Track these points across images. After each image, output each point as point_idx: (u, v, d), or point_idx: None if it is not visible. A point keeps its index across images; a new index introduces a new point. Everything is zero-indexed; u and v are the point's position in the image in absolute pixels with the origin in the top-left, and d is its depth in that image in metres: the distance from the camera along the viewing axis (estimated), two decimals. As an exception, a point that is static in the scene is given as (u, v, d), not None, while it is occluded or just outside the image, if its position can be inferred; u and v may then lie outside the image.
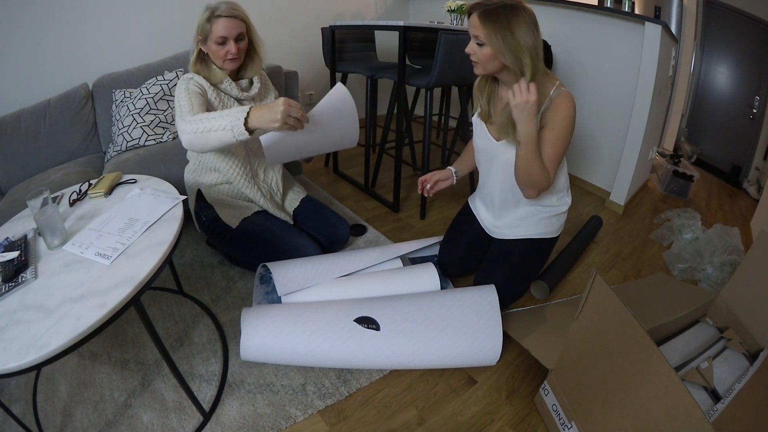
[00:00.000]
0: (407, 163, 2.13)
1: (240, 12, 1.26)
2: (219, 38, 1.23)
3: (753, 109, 2.91)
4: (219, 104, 1.31)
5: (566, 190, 1.35)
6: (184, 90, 1.23)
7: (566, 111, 1.13)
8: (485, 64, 1.12)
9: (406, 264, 1.46)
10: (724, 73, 3.22)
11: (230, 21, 1.23)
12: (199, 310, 1.37)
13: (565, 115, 1.12)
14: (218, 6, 1.23)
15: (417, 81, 1.83)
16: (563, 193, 1.34)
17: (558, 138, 1.14)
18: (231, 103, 1.35)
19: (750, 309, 1.13)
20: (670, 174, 2.59)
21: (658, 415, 0.69)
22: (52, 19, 1.94)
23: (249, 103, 1.39)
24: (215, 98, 1.30)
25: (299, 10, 2.81)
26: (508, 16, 1.04)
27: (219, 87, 1.33)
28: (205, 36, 1.25)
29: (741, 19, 2.95)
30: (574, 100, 1.14)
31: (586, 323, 0.89)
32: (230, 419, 1.01)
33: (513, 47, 1.05)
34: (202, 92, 1.26)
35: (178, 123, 1.17)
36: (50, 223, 0.88)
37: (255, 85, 1.41)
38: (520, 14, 1.05)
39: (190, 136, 1.11)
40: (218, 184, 1.43)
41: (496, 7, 1.05)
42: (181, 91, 1.23)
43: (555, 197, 1.32)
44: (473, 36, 1.10)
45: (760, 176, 2.78)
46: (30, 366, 0.63)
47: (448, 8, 2.42)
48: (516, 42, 1.05)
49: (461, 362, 1.14)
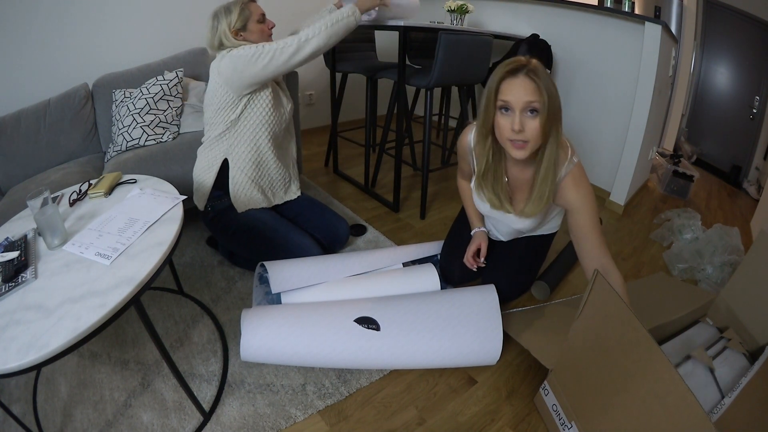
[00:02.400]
0: (407, 163, 2.13)
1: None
2: (260, 16, 1.40)
3: (753, 109, 2.91)
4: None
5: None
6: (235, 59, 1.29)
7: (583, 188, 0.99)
8: (536, 140, 0.89)
9: (406, 264, 1.46)
10: (724, 73, 3.22)
11: (257, 3, 1.44)
12: (199, 310, 1.37)
13: (584, 192, 0.99)
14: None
15: (417, 81, 1.83)
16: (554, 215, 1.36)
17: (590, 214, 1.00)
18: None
19: (750, 309, 1.13)
20: (670, 174, 2.59)
21: (659, 415, 0.69)
22: (53, 19, 1.93)
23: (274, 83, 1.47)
24: None
25: (299, 10, 2.80)
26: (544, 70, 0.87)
27: None
28: (243, 24, 1.37)
29: (741, 19, 2.95)
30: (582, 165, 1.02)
31: (587, 323, 0.89)
32: (230, 419, 1.01)
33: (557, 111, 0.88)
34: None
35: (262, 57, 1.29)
36: (50, 223, 0.88)
37: None
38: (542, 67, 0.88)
39: (320, 38, 1.31)
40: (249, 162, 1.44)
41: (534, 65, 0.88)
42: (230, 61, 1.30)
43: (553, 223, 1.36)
44: (524, 104, 0.87)
45: (760, 176, 2.78)
46: (30, 366, 0.63)
47: (448, 8, 2.42)
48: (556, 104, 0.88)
49: (462, 362, 1.14)
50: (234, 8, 1.37)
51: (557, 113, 0.89)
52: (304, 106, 3.09)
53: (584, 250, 1.02)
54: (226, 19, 1.36)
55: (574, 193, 0.98)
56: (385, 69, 2.00)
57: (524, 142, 0.90)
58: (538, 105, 0.86)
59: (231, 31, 1.36)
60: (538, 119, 0.87)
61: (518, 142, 0.90)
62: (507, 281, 1.30)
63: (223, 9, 1.38)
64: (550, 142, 0.93)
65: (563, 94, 2.44)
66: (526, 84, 0.86)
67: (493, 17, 2.72)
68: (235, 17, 1.36)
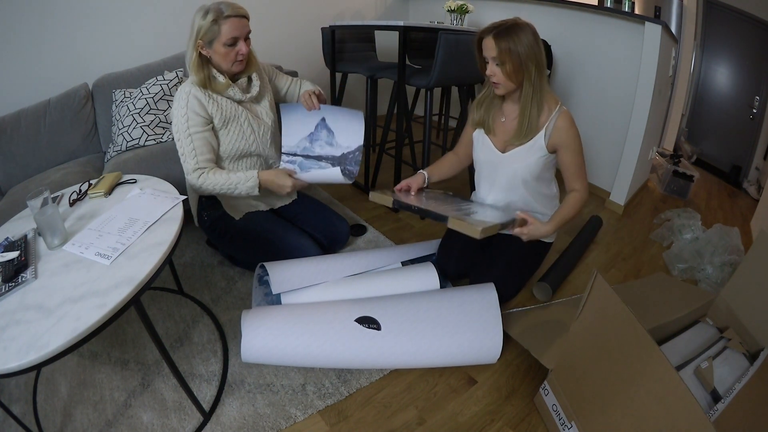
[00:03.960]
0: (407, 163, 2.13)
1: (244, 10, 1.23)
2: (230, 39, 1.19)
3: (753, 109, 2.91)
4: (217, 112, 1.27)
5: (557, 199, 1.41)
6: (183, 116, 1.23)
7: (572, 129, 1.23)
8: (506, 82, 1.20)
9: (404, 263, 1.46)
10: (724, 73, 3.22)
11: (240, 20, 1.20)
12: (199, 310, 1.37)
13: (572, 133, 1.23)
14: (220, 6, 1.17)
15: (417, 81, 1.83)
16: (553, 203, 1.40)
17: (575, 152, 1.24)
18: (230, 107, 1.31)
19: (750, 309, 1.12)
20: (670, 174, 2.59)
21: (659, 415, 0.69)
22: (53, 19, 1.94)
23: (249, 103, 1.38)
24: (215, 109, 1.27)
25: (299, 10, 2.81)
26: (517, 32, 1.15)
27: (221, 94, 1.29)
28: (210, 39, 1.19)
29: (741, 19, 2.95)
30: (572, 115, 1.24)
31: (587, 323, 0.89)
32: (230, 419, 1.01)
33: (525, 58, 1.15)
34: (202, 111, 1.25)
35: (186, 167, 1.27)
36: (50, 223, 0.88)
37: (255, 83, 1.38)
38: (525, 28, 1.16)
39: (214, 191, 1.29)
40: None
41: (505, 27, 1.16)
42: (180, 116, 1.23)
43: (550, 208, 1.37)
44: (491, 58, 1.18)
45: (760, 176, 2.78)
46: (30, 366, 0.63)
47: (448, 8, 2.42)
48: (526, 53, 1.15)
49: (463, 360, 1.14)
50: (210, 14, 1.16)
51: (525, 63, 1.15)
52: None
53: (565, 180, 1.29)
54: (200, 21, 1.17)
55: (564, 131, 1.22)
56: (385, 69, 2.00)
57: (496, 83, 1.21)
58: (501, 58, 1.15)
59: (198, 40, 1.19)
60: (503, 68, 1.17)
61: (494, 83, 1.22)
62: (496, 277, 1.30)
63: (204, 9, 1.18)
64: (525, 86, 1.19)
65: (563, 94, 2.44)
66: (490, 44, 1.16)
67: (493, 17, 2.69)
68: (206, 26, 1.17)
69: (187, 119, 1.23)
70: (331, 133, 1.47)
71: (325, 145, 1.46)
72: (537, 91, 1.20)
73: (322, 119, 1.47)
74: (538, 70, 1.18)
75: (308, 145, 1.46)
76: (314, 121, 1.47)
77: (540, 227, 1.21)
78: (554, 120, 1.22)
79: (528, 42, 1.15)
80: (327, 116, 1.48)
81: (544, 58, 1.19)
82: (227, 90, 1.29)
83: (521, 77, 1.19)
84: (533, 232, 1.20)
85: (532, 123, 1.23)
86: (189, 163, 1.26)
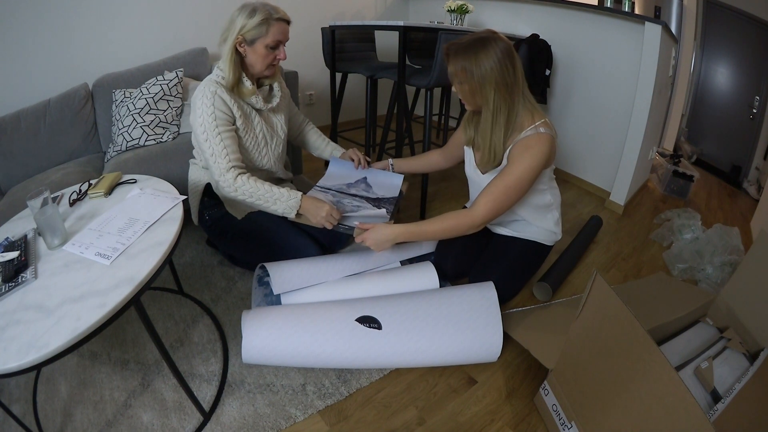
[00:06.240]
0: (407, 163, 2.13)
1: (289, 17, 1.25)
2: (274, 42, 1.20)
3: (753, 109, 2.91)
4: (241, 118, 1.27)
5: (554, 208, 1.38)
6: (211, 115, 1.19)
7: (526, 152, 1.11)
8: (469, 100, 1.16)
9: (404, 263, 1.46)
10: (724, 73, 3.22)
11: (286, 26, 1.23)
12: (199, 310, 1.37)
13: (526, 154, 1.12)
14: (268, 8, 1.19)
15: (417, 81, 1.83)
16: (550, 212, 1.37)
17: (509, 174, 1.13)
18: (249, 113, 1.31)
19: (750, 309, 1.13)
20: (670, 174, 2.59)
21: (659, 415, 0.69)
22: (53, 18, 1.93)
23: (267, 113, 1.37)
24: (238, 113, 1.25)
25: (299, 10, 2.80)
26: (476, 51, 1.06)
27: (244, 99, 1.28)
28: (253, 38, 1.18)
29: (741, 19, 2.95)
30: (550, 141, 1.13)
31: (587, 323, 0.89)
32: (230, 419, 1.01)
33: (481, 80, 1.08)
34: (228, 114, 1.23)
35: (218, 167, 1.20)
36: (50, 223, 0.88)
37: (276, 94, 1.39)
38: (490, 47, 1.06)
39: (237, 197, 1.24)
40: None
41: (466, 44, 1.08)
42: (207, 115, 1.19)
43: (540, 217, 1.36)
44: (450, 75, 1.14)
45: (760, 176, 2.78)
46: (30, 366, 0.63)
47: (448, 8, 2.42)
48: (482, 75, 1.07)
49: (463, 359, 1.14)
50: (258, 14, 1.17)
51: (481, 84, 1.09)
52: (304, 106, 3.09)
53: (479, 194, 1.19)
54: (245, 19, 1.18)
55: (518, 151, 1.14)
56: (385, 69, 2.00)
57: (461, 101, 1.19)
58: (458, 77, 1.12)
59: (239, 35, 1.18)
60: (461, 87, 1.14)
61: (460, 100, 1.20)
62: (496, 278, 1.30)
63: (250, 8, 1.19)
64: (484, 112, 1.15)
65: (563, 93, 2.44)
66: (448, 60, 1.13)
67: (493, 17, 2.72)
68: (252, 24, 1.17)
69: (214, 117, 1.21)
70: (369, 186, 1.52)
71: (362, 191, 1.50)
72: (500, 113, 1.12)
73: (363, 178, 1.54)
74: (502, 93, 1.09)
75: (345, 188, 1.50)
76: (356, 177, 1.54)
77: (383, 229, 1.17)
78: (520, 139, 1.15)
79: (488, 64, 1.06)
80: (369, 176, 1.54)
81: (512, 78, 1.09)
82: (251, 96, 1.28)
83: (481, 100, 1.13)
84: (375, 236, 1.17)
85: (496, 148, 1.17)
86: (221, 162, 1.21)
